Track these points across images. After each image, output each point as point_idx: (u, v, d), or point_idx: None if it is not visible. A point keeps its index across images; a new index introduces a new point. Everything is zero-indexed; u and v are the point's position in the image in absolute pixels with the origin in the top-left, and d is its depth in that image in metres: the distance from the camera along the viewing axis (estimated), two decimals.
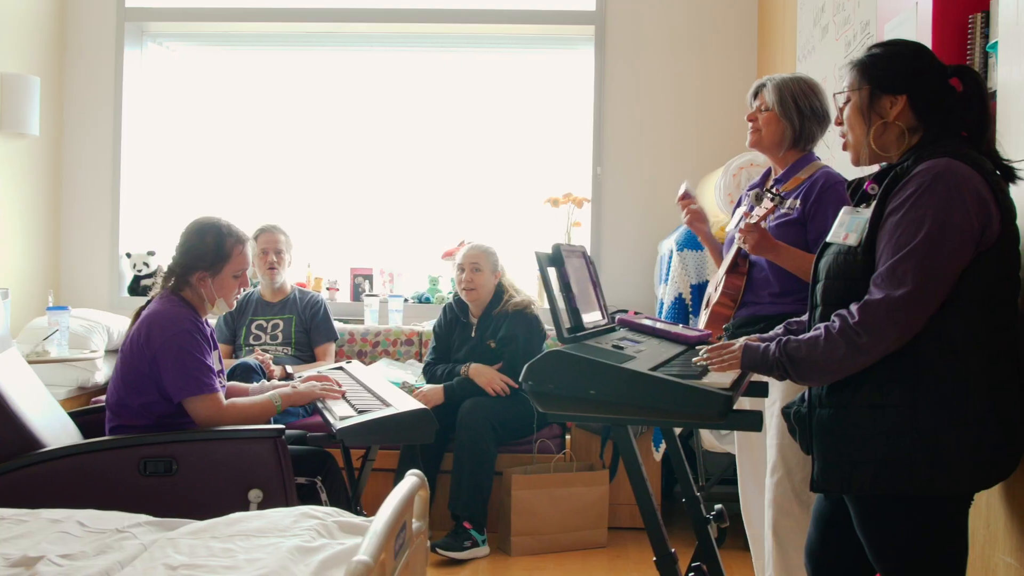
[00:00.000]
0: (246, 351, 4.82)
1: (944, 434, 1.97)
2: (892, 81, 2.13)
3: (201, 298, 3.23)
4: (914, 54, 2.18)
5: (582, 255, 2.71)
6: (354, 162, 5.98)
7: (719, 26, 5.59)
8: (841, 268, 2.11)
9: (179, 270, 3.25)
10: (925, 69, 2.15)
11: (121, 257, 5.84)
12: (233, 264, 3.25)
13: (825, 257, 2.18)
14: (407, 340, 5.34)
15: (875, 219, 2.05)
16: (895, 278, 1.95)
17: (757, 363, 2.10)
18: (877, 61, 2.17)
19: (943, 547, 2.08)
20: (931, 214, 1.94)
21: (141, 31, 5.93)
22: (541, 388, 2.03)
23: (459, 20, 5.74)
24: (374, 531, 1.67)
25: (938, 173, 1.97)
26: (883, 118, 2.14)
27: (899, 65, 2.14)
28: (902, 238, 1.96)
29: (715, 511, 2.86)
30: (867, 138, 2.16)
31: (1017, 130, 2.26)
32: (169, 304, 3.17)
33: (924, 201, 1.95)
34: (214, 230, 3.26)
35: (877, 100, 2.14)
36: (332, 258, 5.94)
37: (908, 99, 2.12)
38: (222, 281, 3.24)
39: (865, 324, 1.95)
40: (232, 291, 3.28)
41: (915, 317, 1.95)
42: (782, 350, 2.05)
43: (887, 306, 1.94)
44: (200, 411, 3.08)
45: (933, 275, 1.93)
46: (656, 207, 5.56)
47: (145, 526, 2.25)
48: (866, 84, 2.16)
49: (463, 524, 4.24)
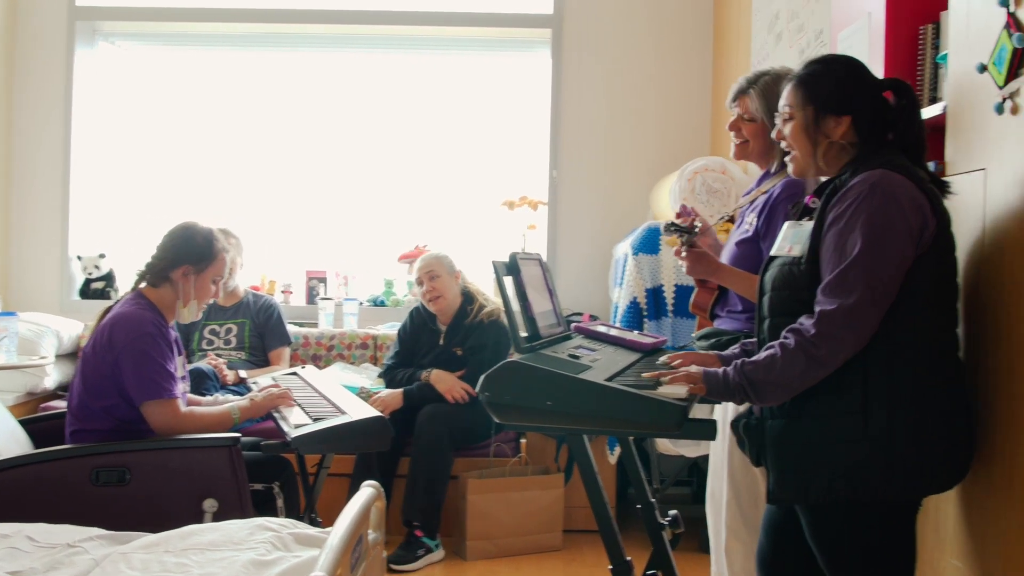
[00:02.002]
0: (199, 356, 4.77)
1: (897, 440, 2.00)
2: (837, 103, 2.17)
3: (173, 300, 3.21)
4: (855, 73, 2.22)
5: (538, 262, 2.72)
6: (309, 164, 5.94)
7: (675, 30, 5.63)
8: (786, 279, 2.14)
9: (162, 264, 3.23)
10: (865, 88, 2.20)
11: (71, 260, 5.75)
12: (216, 267, 3.28)
13: (771, 270, 2.22)
14: (362, 344, 5.31)
15: (816, 231, 2.10)
16: (845, 286, 1.98)
17: (720, 390, 2.10)
18: (820, 81, 2.20)
19: (894, 552, 2.12)
20: (871, 220, 1.99)
21: (93, 30, 5.84)
22: (498, 399, 2.03)
23: (416, 23, 5.73)
24: (330, 545, 1.66)
25: (874, 183, 2.02)
26: (828, 137, 2.18)
27: (843, 87, 2.19)
28: (846, 247, 2.00)
29: (670, 517, 2.88)
30: (814, 157, 2.21)
31: (967, 140, 2.31)
32: (135, 306, 3.14)
33: (863, 209, 2.00)
34: (205, 231, 3.30)
35: (822, 120, 2.18)
36: (287, 261, 5.89)
37: (852, 119, 2.17)
38: (203, 281, 3.25)
39: (823, 335, 1.98)
40: (207, 295, 3.29)
41: (869, 322, 1.99)
42: (740, 374, 2.06)
43: (842, 315, 1.97)
44: (158, 416, 3.04)
45: (881, 278, 1.98)
46: (612, 210, 5.60)
47: (97, 540, 2.21)
48: (811, 105, 2.19)
49: (414, 533, 4.23)
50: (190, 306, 3.21)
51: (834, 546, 2.13)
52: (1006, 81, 2.10)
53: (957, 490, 2.24)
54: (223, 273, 3.32)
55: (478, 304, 4.67)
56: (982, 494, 2.17)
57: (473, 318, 4.62)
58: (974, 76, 2.24)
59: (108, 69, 5.96)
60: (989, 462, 2.14)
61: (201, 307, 3.27)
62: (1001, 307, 2.12)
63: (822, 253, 2.07)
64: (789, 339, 2.03)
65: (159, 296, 3.21)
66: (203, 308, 3.30)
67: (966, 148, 2.32)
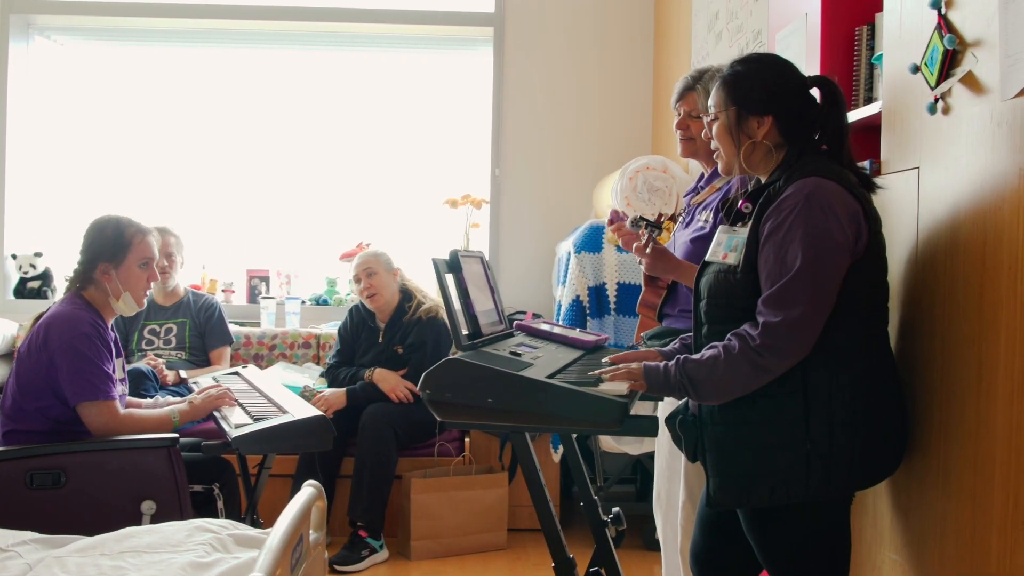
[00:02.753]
0: (138, 356, 4.70)
1: (836, 442, 2.03)
2: (758, 103, 2.18)
3: (106, 297, 3.14)
4: (777, 73, 2.23)
5: (480, 260, 2.72)
6: (250, 161, 5.88)
7: (617, 29, 5.66)
8: (722, 287, 2.16)
9: (83, 268, 3.16)
10: (788, 86, 2.21)
11: (6, 259, 5.63)
12: (136, 253, 3.18)
13: (706, 276, 2.23)
14: (304, 343, 5.27)
15: (752, 239, 2.11)
16: (788, 299, 2.00)
17: (661, 385, 2.11)
18: (742, 82, 2.21)
19: (832, 547, 2.17)
20: (810, 232, 2.00)
21: (27, 24, 5.72)
22: (439, 397, 2.03)
23: (358, 19, 5.69)
24: (269, 546, 1.65)
25: (809, 193, 2.03)
26: (751, 138, 2.19)
27: (764, 86, 2.19)
28: (787, 259, 2.02)
29: (613, 514, 2.89)
30: (737, 158, 2.22)
31: (901, 139, 2.35)
32: (71, 306, 3.08)
33: (800, 220, 2.02)
34: (113, 222, 3.21)
35: (745, 121, 2.19)
36: (228, 259, 5.83)
37: (774, 119, 2.18)
38: (127, 272, 3.16)
39: (768, 347, 2.00)
40: (140, 284, 3.19)
41: (813, 334, 2.01)
42: (681, 371, 2.07)
43: (787, 327, 1.99)
44: (94, 418, 2.99)
45: (822, 291, 2.00)
46: (555, 208, 5.62)
47: (31, 544, 2.17)
48: (733, 105, 2.20)
49: (358, 533, 4.21)
50: (124, 299, 3.15)
51: (774, 545, 2.16)
52: (938, 82, 2.14)
53: (893, 484, 2.29)
54: (149, 253, 3.21)
55: (416, 301, 4.66)
56: (917, 488, 2.22)
57: (411, 315, 4.62)
58: (907, 77, 2.28)
59: (43, 64, 5.84)
60: (924, 457, 2.18)
61: (140, 297, 3.20)
62: (935, 303, 2.16)
63: (760, 263, 2.08)
64: (733, 343, 2.04)
65: (92, 296, 3.15)
66: (145, 295, 3.22)
67: (901, 147, 2.36)
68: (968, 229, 2.06)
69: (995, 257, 1.96)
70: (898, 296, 2.29)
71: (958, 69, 2.09)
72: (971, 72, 2.04)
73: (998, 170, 1.95)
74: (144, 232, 3.23)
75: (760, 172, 2.23)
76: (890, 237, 2.32)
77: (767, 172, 2.21)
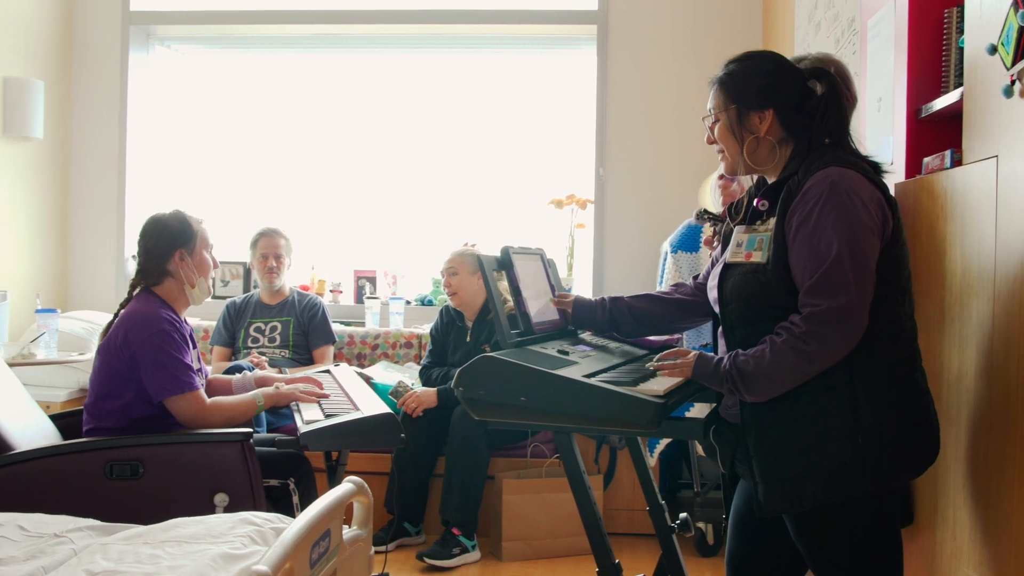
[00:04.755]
0: (244, 353, 4.82)
1: (885, 432, 2.00)
2: (757, 97, 2.17)
3: (179, 290, 3.24)
4: (772, 67, 2.22)
5: (540, 258, 2.67)
6: (360, 164, 5.97)
7: (723, 24, 5.50)
8: (752, 287, 2.11)
9: (154, 262, 3.25)
10: (784, 78, 2.19)
11: (127, 260, 5.86)
12: (202, 239, 3.30)
13: (731, 278, 2.18)
14: (406, 343, 5.31)
15: (779, 235, 2.07)
16: (831, 286, 1.96)
17: (708, 375, 2.08)
18: (738, 79, 2.21)
19: (884, 544, 2.09)
20: (842, 219, 1.98)
21: (147, 34, 5.95)
22: (472, 395, 1.99)
23: (461, 21, 5.71)
24: (281, 540, 1.64)
25: (833, 181, 2.01)
26: (754, 134, 2.18)
27: (760, 80, 2.19)
28: (821, 248, 1.99)
29: (680, 520, 2.80)
30: (742, 156, 2.20)
31: (979, 126, 2.20)
32: (146, 304, 3.17)
33: (830, 209, 1.99)
34: (174, 214, 3.32)
35: (746, 117, 2.18)
36: (337, 260, 5.93)
37: (775, 112, 2.16)
38: (199, 257, 3.28)
39: (812, 333, 1.95)
40: (208, 268, 3.31)
41: (860, 320, 1.97)
42: (733, 363, 2.03)
43: (833, 313, 1.95)
44: (183, 410, 3.07)
45: (862, 274, 1.97)
46: (659, 207, 5.50)
47: (86, 531, 2.23)
48: (732, 104, 2.19)
49: (452, 531, 4.21)
50: (199, 285, 3.24)
51: (826, 547, 2.09)
52: (1013, 61, 1.99)
53: (976, 499, 2.17)
54: (211, 241, 3.34)
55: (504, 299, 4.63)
56: (995, 501, 2.07)
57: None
58: (985, 59, 2.14)
59: (164, 71, 6.07)
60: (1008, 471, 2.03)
61: (208, 282, 3.29)
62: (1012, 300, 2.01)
63: (792, 258, 2.04)
64: (780, 335, 2.00)
65: (165, 291, 3.24)
66: (210, 282, 3.32)
67: (979, 135, 2.22)
68: None
69: None
70: (979, 291, 2.14)
71: None
72: None
73: None
74: (200, 221, 3.35)
75: (768, 169, 2.22)
76: (967, 231, 2.19)
77: (776, 168, 2.20)
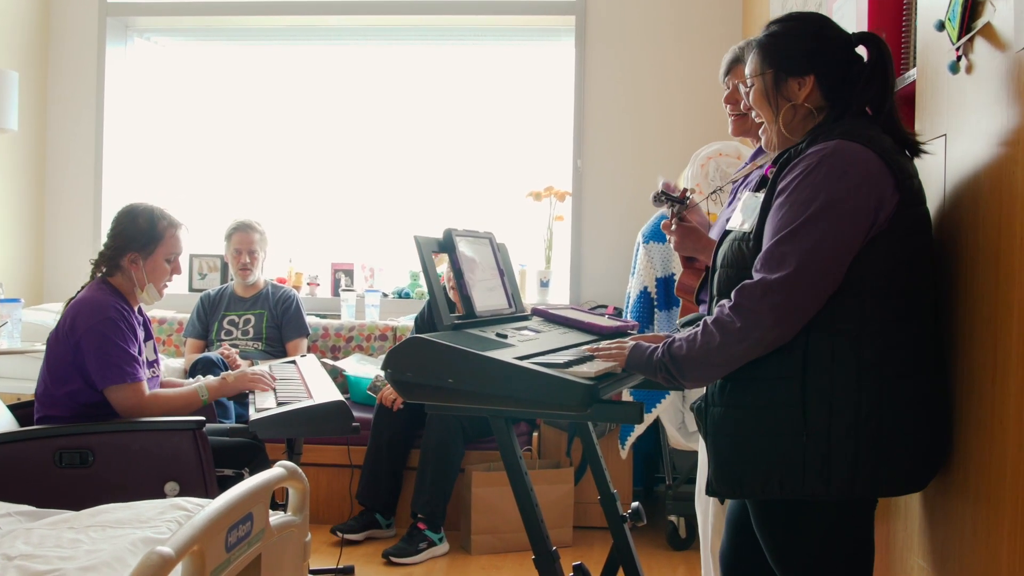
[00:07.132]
0: (217, 346, 4.78)
1: (835, 436, 1.83)
2: (798, 62, 2.01)
3: (132, 284, 3.19)
4: (816, 29, 2.05)
5: (489, 242, 2.62)
6: (338, 156, 5.92)
7: (701, 15, 5.45)
8: (735, 255, 2.01)
9: (110, 253, 3.21)
10: (829, 44, 2.03)
11: None
12: (166, 246, 3.22)
13: (723, 245, 2.08)
14: (381, 335, 5.26)
15: (765, 204, 1.95)
16: (774, 260, 1.83)
17: (641, 365, 1.97)
18: (779, 42, 2.04)
19: (848, 555, 1.97)
20: (815, 195, 1.83)
21: (125, 26, 5.91)
22: (399, 376, 1.94)
23: (439, 12, 5.66)
24: (191, 522, 1.59)
25: (825, 154, 1.86)
26: (791, 101, 2.02)
27: (803, 44, 2.02)
28: (784, 219, 1.85)
29: (632, 509, 2.74)
30: (777, 123, 2.04)
31: (929, 105, 2.15)
32: (97, 291, 3.14)
33: (808, 182, 1.85)
34: (147, 212, 3.24)
35: (783, 83, 2.03)
36: (314, 253, 5.89)
37: (816, 79, 2.00)
38: (154, 264, 3.20)
39: (739, 308, 1.83)
40: (163, 277, 3.24)
41: (795, 302, 1.82)
42: (667, 351, 1.91)
43: (762, 289, 1.82)
44: (122, 400, 3.03)
45: (815, 257, 1.81)
46: (637, 200, 5.43)
47: (16, 516, 2.19)
48: (769, 68, 2.04)
49: (417, 526, 4.16)
50: (147, 290, 3.19)
51: (779, 544, 1.98)
52: (959, 36, 1.93)
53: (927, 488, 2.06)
54: (178, 249, 3.26)
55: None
56: (942, 491, 2.01)
57: None
58: (935, 36, 2.08)
59: (142, 64, 6.03)
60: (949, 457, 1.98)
61: (160, 288, 3.23)
62: (957, 283, 1.96)
63: (766, 227, 1.92)
64: (712, 313, 1.90)
65: (118, 282, 3.20)
66: (164, 288, 3.26)
67: (929, 114, 2.17)
68: (987, 199, 1.86)
69: (1009, 228, 1.76)
70: None
71: (979, 21, 1.88)
72: (989, 23, 1.83)
73: (1012, 130, 1.74)
74: (176, 226, 3.26)
75: (798, 138, 2.03)
76: None
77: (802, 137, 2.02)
